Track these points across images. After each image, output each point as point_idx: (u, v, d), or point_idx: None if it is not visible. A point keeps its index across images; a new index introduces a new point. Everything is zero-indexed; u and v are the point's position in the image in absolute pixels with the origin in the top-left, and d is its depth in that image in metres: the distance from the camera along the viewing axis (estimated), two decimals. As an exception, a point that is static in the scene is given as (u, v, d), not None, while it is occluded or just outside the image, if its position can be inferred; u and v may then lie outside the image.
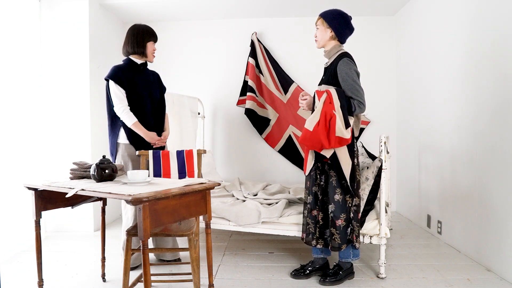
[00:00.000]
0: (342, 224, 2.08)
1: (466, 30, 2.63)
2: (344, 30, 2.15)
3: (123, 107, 2.29)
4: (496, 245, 2.30)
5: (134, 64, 2.39)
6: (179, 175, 2.27)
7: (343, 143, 1.98)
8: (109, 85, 2.31)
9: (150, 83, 2.46)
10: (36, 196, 1.82)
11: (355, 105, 2.03)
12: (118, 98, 2.29)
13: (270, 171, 4.16)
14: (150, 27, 2.44)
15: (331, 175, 2.10)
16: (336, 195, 2.09)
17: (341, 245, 2.10)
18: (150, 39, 2.41)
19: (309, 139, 2.01)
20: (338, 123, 1.95)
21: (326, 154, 2.03)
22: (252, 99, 3.93)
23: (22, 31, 3.08)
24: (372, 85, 4.02)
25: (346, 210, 2.09)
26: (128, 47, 2.37)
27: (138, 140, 2.35)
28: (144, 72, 2.45)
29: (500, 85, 2.26)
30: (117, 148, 2.38)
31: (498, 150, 2.28)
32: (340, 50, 2.15)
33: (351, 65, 2.06)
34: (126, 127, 2.33)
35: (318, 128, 1.97)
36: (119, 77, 2.30)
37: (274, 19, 4.10)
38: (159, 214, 1.44)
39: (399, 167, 3.99)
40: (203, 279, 2.16)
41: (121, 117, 2.30)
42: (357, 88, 2.03)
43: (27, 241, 2.93)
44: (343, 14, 2.14)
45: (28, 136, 3.13)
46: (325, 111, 1.98)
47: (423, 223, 3.36)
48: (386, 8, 3.82)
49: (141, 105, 2.37)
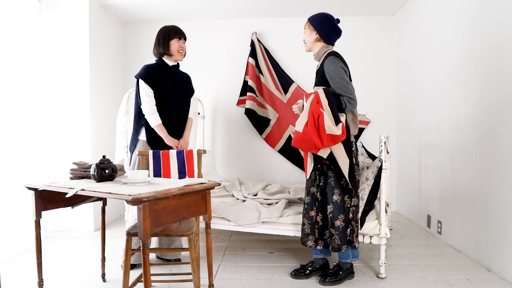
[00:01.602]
0: (341, 225, 2.08)
1: (466, 30, 2.63)
2: (329, 32, 2.16)
3: (151, 107, 2.32)
4: (496, 245, 2.30)
5: (164, 66, 2.42)
6: (179, 175, 2.27)
7: (336, 140, 1.97)
8: (139, 84, 2.34)
9: (178, 86, 2.48)
10: (36, 196, 1.81)
11: (345, 102, 2.02)
12: (148, 96, 2.32)
13: (270, 171, 4.16)
14: (176, 26, 2.44)
15: (330, 176, 2.10)
16: (335, 195, 2.09)
17: (341, 245, 2.10)
18: (175, 36, 2.39)
19: (301, 141, 2.02)
20: (327, 121, 1.94)
21: (323, 155, 2.03)
22: (252, 99, 3.93)
23: (22, 31, 3.08)
24: (372, 85, 4.03)
25: (345, 211, 2.09)
26: (157, 48, 2.40)
27: (156, 141, 2.38)
28: (174, 74, 2.46)
29: (500, 85, 2.26)
30: (136, 144, 2.42)
31: (498, 150, 2.28)
32: (328, 50, 2.16)
33: (337, 62, 2.06)
34: (148, 127, 2.36)
35: (308, 128, 1.98)
36: (149, 76, 2.33)
37: (274, 19, 4.11)
38: (159, 214, 1.44)
39: (399, 167, 3.99)
40: (203, 279, 2.16)
41: (146, 116, 2.32)
42: (345, 84, 2.03)
43: (27, 241, 2.93)
44: (329, 17, 2.17)
45: (28, 136, 3.13)
46: (312, 110, 1.99)
47: (423, 223, 3.36)
48: (386, 8, 3.82)
49: (166, 107, 2.39)
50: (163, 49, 2.39)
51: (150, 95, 2.33)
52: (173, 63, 2.44)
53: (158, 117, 2.34)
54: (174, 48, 2.40)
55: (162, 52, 2.40)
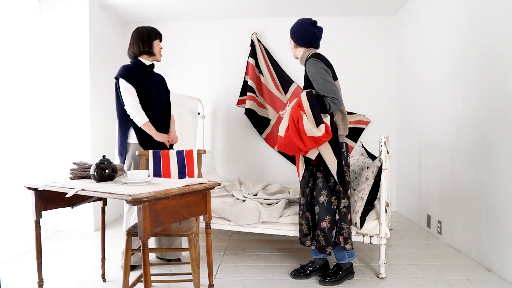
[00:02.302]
0: (326, 226, 2.09)
1: (466, 30, 2.63)
2: (304, 36, 2.17)
3: (136, 106, 2.28)
4: (496, 245, 2.30)
5: (142, 65, 2.40)
6: (179, 175, 2.27)
7: (319, 141, 1.96)
8: (119, 84, 2.30)
9: (158, 84, 2.48)
10: (36, 196, 1.82)
11: (329, 102, 2.01)
12: (131, 94, 2.28)
13: (270, 171, 4.16)
14: (154, 27, 2.45)
15: (318, 177, 2.11)
16: (321, 196, 2.10)
17: (325, 247, 2.11)
18: (157, 37, 2.42)
19: (284, 145, 2.03)
20: (306, 123, 1.94)
21: (312, 156, 2.05)
22: (252, 99, 3.93)
23: (22, 31, 3.08)
24: (372, 85, 4.02)
25: (331, 212, 2.10)
26: (135, 48, 2.38)
27: (147, 141, 2.36)
28: (151, 73, 2.46)
29: (500, 85, 2.26)
30: (128, 148, 2.37)
31: (498, 150, 2.28)
32: (309, 53, 2.17)
33: (318, 63, 2.06)
34: (136, 127, 2.32)
35: (289, 132, 1.99)
36: (130, 74, 2.30)
37: (274, 19, 4.11)
38: (159, 214, 1.44)
39: (399, 167, 3.99)
40: (203, 279, 2.16)
41: (132, 116, 2.28)
42: (327, 85, 2.02)
43: (27, 241, 2.93)
44: (303, 21, 2.19)
45: (28, 136, 3.13)
46: (292, 114, 2.01)
47: (423, 223, 3.36)
48: (386, 8, 3.82)
49: (150, 104, 2.37)
50: (146, 48, 2.36)
51: (133, 94, 2.28)
52: (150, 63, 2.43)
53: (144, 115, 2.30)
54: (157, 48, 2.42)
55: (143, 51, 2.37)
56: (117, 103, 2.36)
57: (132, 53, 2.40)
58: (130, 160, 2.36)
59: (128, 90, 2.28)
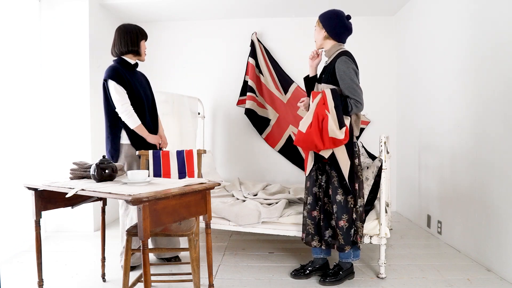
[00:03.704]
0: (345, 225, 2.08)
1: (466, 30, 2.63)
2: (339, 29, 2.13)
3: (128, 108, 2.23)
4: (496, 245, 2.30)
5: (127, 64, 2.35)
6: (179, 175, 2.27)
7: (338, 143, 1.97)
8: (109, 86, 2.25)
9: (143, 84, 2.45)
10: (36, 196, 1.81)
11: (352, 105, 2.01)
12: (121, 97, 2.22)
13: (270, 171, 4.16)
14: (140, 26, 2.41)
15: (333, 176, 2.09)
16: (338, 195, 2.08)
17: (344, 246, 2.09)
18: (143, 37, 2.39)
19: (303, 141, 2.02)
20: (331, 124, 1.94)
21: (325, 155, 2.04)
22: (252, 99, 3.93)
23: (22, 31, 3.08)
24: (372, 85, 4.02)
25: (348, 211, 2.09)
26: (121, 46, 2.31)
27: (139, 142, 2.33)
28: (135, 73, 2.42)
29: (501, 85, 2.26)
30: (120, 150, 2.32)
31: (498, 150, 2.28)
32: (340, 49, 2.15)
33: (349, 63, 2.04)
34: (127, 128, 2.29)
35: (311, 129, 1.98)
36: (119, 75, 2.24)
37: (274, 19, 4.10)
38: (159, 214, 1.44)
39: (399, 167, 3.99)
40: (203, 279, 2.16)
41: (124, 119, 2.24)
42: (354, 87, 2.02)
43: (27, 241, 2.93)
44: (339, 14, 2.13)
45: (28, 136, 3.13)
46: (317, 112, 1.99)
47: (423, 223, 3.36)
48: (386, 8, 3.82)
49: (140, 105, 2.33)
50: (133, 48, 2.32)
51: (124, 96, 2.23)
52: (134, 62, 2.39)
53: (137, 118, 2.26)
54: (143, 49, 2.39)
55: (130, 50, 2.32)
56: (105, 104, 2.30)
57: (118, 51, 2.33)
58: (123, 161, 2.32)
59: (118, 92, 2.22)
